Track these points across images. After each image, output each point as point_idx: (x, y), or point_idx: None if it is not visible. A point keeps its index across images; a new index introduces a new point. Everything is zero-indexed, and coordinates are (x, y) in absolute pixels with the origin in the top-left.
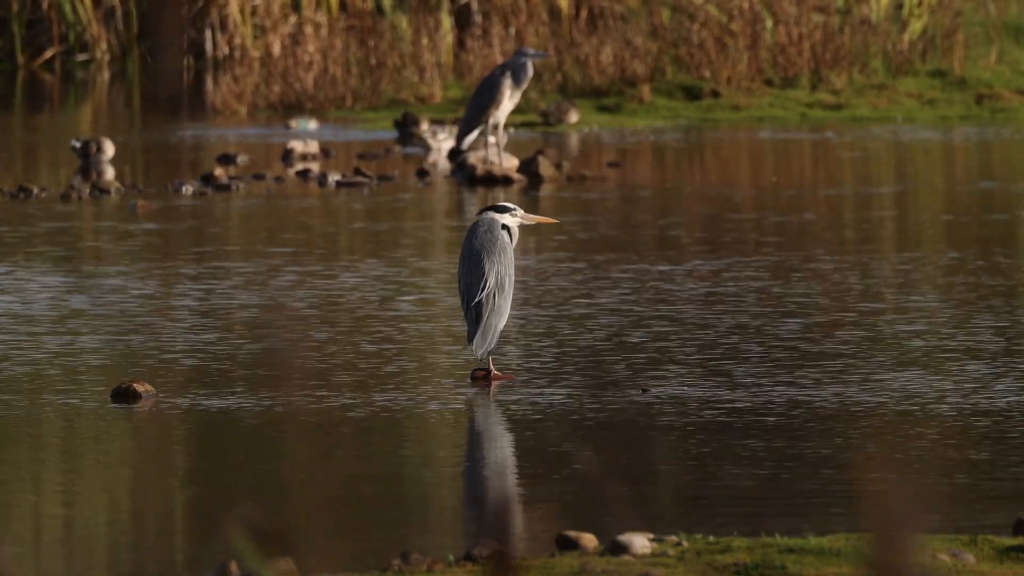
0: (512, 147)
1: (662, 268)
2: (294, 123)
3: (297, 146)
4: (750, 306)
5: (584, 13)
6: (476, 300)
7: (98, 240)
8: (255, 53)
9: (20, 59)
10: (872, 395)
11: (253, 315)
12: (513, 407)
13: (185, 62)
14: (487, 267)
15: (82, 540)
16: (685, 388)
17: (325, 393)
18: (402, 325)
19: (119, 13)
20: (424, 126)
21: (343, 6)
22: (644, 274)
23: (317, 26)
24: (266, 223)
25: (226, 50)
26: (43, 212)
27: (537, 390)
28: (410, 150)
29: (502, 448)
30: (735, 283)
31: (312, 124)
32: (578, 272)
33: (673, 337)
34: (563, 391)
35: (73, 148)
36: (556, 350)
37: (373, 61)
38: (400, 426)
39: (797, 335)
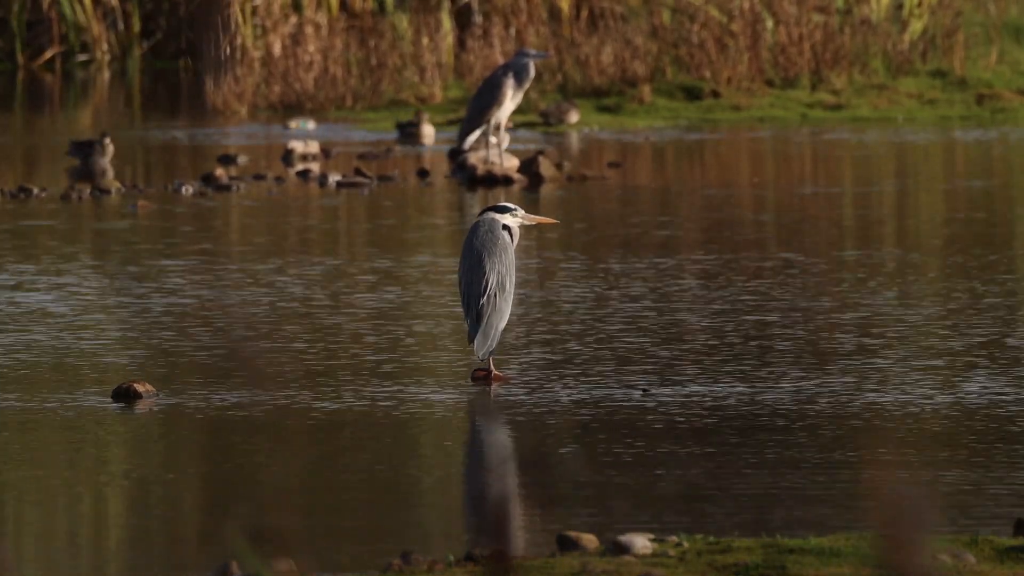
0: (512, 147)
1: (660, 268)
2: (293, 123)
3: (297, 146)
4: (748, 307)
5: (584, 13)
6: (480, 303)
7: (98, 240)
8: (256, 53)
9: (20, 59)
10: (872, 395)
11: (253, 315)
12: (513, 407)
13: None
14: (488, 267)
15: (83, 540)
16: (685, 388)
17: (325, 393)
18: (402, 325)
19: (119, 13)
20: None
21: (343, 6)
22: (642, 274)
23: (317, 26)
24: (267, 223)
25: (227, 50)
26: (43, 212)
27: (537, 390)
28: (409, 149)
29: (502, 448)
30: (731, 283)
31: (311, 124)
32: (578, 271)
33: (672, 337)
34: (563, 391)
35: (72, 150)
36: (556, 350)
37: (373, 61)
38: (400, 426)
39: (797, 335)
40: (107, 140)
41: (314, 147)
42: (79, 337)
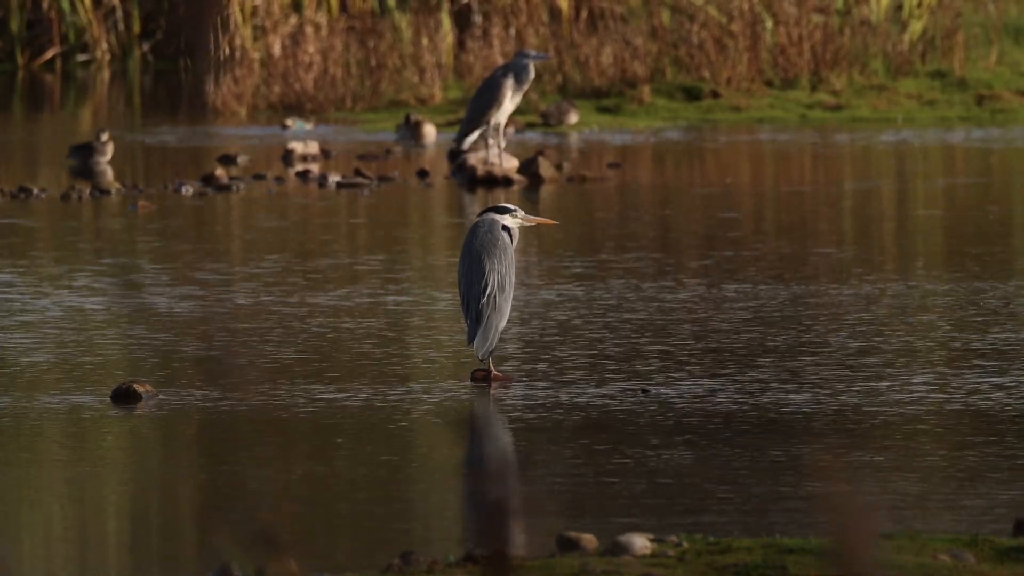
0: (512, 148)
1: (658, 269)
2: (291, 123)
3: (297, 147)
4: (747, 308)
5: (584, 14)
6: (479, 304)
7: (97, 241)
8: (255, 54)
9: (20, 59)
10: (872, 397)
11: (253, 315)
12: (513, 407)
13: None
14: (487, 267)
15: (83, 540)
16: (685, 389)
17: (325, 393)
18: (402, 325)
19: (119, 13)
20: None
21: (343, 6)
22: (640, 274)
23: (317, 27)
24: (267, 224)
25: (227, 51)
26: (43, 212)
27: (537, 390)
28: (410, 147)
29: (502, 448)
30: (731, 285)
31: (308, 124)
32: (578, 271)
33: (669, 338)
34: (562, 391)
35: (72, 152)
36: (555, 350)
37: (373, 62)
38: (400, 426)
39: (798, 335)
40: (104, 136)
41: (314, 147)
42: (79, 337)
